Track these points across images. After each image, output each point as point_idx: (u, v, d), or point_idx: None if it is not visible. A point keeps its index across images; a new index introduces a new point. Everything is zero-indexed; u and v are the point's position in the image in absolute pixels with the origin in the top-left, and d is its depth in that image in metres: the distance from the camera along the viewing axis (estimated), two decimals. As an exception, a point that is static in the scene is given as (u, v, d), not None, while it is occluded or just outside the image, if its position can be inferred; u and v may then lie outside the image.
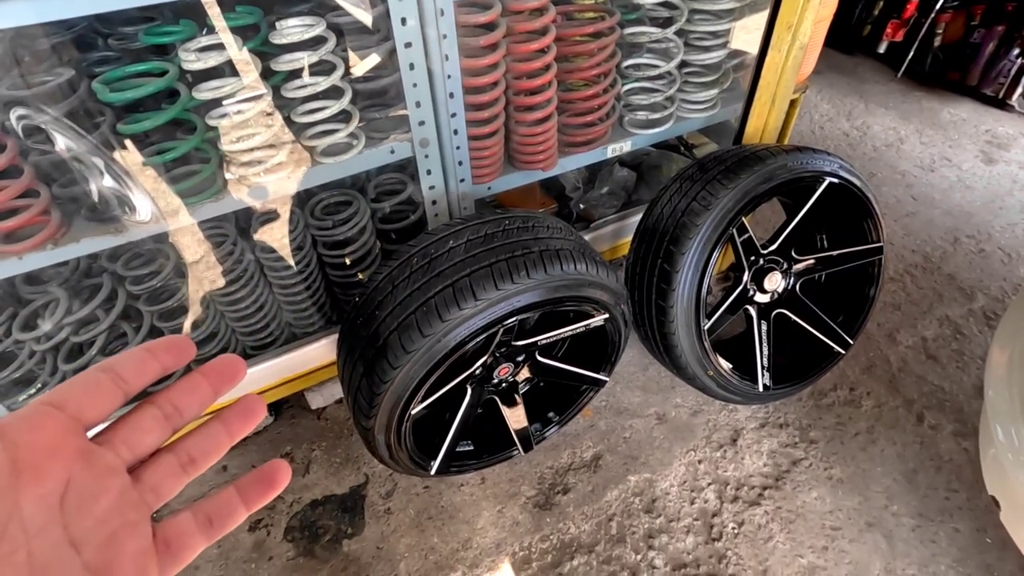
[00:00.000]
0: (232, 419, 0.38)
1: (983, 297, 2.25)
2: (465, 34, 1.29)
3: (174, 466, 0.36)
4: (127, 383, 0.34)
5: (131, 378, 0.34)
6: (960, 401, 1.89)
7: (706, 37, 1.66)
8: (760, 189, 1.44)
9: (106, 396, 0.33)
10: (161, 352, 0.36)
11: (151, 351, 0.35)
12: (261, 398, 0.40)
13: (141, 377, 0.34)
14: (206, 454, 0.37)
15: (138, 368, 0.34)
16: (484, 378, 1.49)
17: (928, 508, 1.64)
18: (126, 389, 0.34)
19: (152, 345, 0.36)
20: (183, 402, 0.36)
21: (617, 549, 1.58)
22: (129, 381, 0.34)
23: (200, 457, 0.37)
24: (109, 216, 1.21)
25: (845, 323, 1.79)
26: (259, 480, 0.38)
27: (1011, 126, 3.23)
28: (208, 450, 0.37)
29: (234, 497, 0.37)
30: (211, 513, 0.36)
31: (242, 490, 0.37)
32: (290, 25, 1.18)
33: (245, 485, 0.38)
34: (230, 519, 0.37)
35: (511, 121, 1.53)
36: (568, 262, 1.24)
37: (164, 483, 0.35)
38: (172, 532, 0.34)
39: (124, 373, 0.34)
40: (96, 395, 0.32)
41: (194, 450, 0.37)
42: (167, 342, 0.36)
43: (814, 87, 3.65)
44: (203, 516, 0.36)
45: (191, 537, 0.35)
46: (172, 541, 0.34)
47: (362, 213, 1.52)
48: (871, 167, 2.97)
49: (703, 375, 1.60)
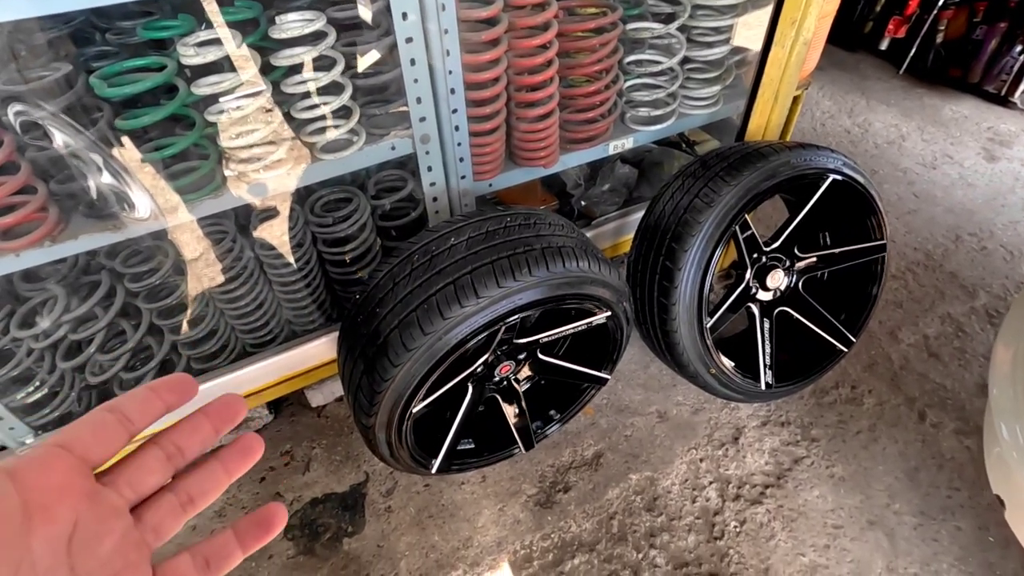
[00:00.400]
0: (230, 458, 0.39)
1: (985, 295, 2.24)
2: (466, 29, 1.28)
3: (174, 505, 0.36)
4: (132, 423, 0.34)
5: (136, 418, 0.35)
6: (962, 399, 1.89)
7: (708, 33, 1.65)
8: (763, 186, 1.43)
9: (112, 436, 0.33)
10: (164, 391, 0.36)
11: (155, 390, 0.36)
12: (259, 437, 0.41)
13: (146, 416, 0.35)
14: (204, 493, 0.38)
15: (143, 408, 0.35)
16: (485, 376, 1.48)
17: (930, 506, 1.63)
18: (131, 429, 0.34)
19: (156, 384, 0.37)
20: (185, 443, 0.37)
21: (618, 547, 1.57)
22: (134, 421, 0.35)
23: (199, 496, 0.37)
24: (107, 213, 1.20)
25: (847, 321, 1.78)
26: (256, 524, 0.39)
27: (1013, 123, 3.22)
28: (207, 489, 0.38)
29: (231, 540, 0.38)
30: (209, 556, 0.37)
31: (239, 533, 0.38)
32: (290, 20, 1.16)
33: (242, 529, 0.38)
34: (226, 562, 0.37)
35: (512, 117, 1.52)
36: (570, 259, 1.23)
37: (164, 523, 0.35)
38: (172, 574, 0.35)
39: (129, 413, 0.35)
40: (103, 436, 0.33)
41: (193, 489, 0.37)
42: (170, 381, 0.37)
43: (816, 84, 3.64)
44: (201, 559, 0.36)
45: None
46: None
47: (362, 210, 1.51)
48: (873, 164, 2.96)
49: (705, 373, 1.59)
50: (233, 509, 1.66)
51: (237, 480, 0.39)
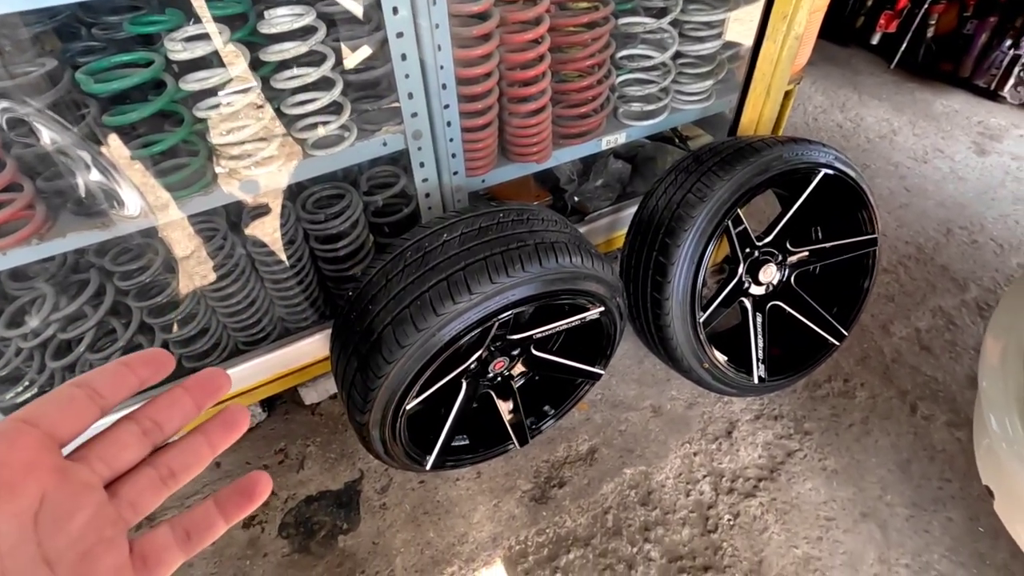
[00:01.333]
0: (214, 431, 0.38)
1: (976, 288, 2.26)
2: (458, 24, 1.27)
3: (153, 480, 0.35)
4: (103, 398, 0.33)
5: (107, 392, 0.33)
6: (953, 391, 1.90)
7: (700, 27, 1.65)
8: (756, 181, 1.44)
9: (81, 411, 0.32)
10: (138, 366, 0.35)
11: (128, 364, 0.35)
12: (244, 408, 0.39)
13: (117, 391, 0.34)
14: (187, 467, 0.36)
15: (114, 382, 0.34)
16: (479, 372, 1.48)
17: (922, 498, 1.65)
18: (102, 404, 0.33)
19: (129, 359, 0.35)
20: (163, 417, 0.36)
21: (613, 542, 1.58)
22: (105, 395, 0.33)
23: (180, 471, 0.36)
24: (96, 210, 1.19)
25: (839, 315, 1.79)
26: (238, 492, 0.37)
27: (1003, 117, 3.24)
28: (189, 463, 0.37)
29: (212, 510, 0.37)
30: (189, 527, 0.36)
31: (220, 503, 0.37)
32: (279, 14, 1.15)
33: (224, 498, 0.37)
34: (208, 532, 0.36)
35: (505, 113, 1.51)
36: (563, 255, 1.23)
37: (143, 497, 0.34)
38: (149, 547, 0.34)
39: (99, 388, 0.33)
40: (70, 411, 0.32)
41: (174, 463, 0.36)
42: (144, 356, 0.36)
43: (808, 78, 3.65)
44: (181, 530, 0.35)
45: (168, 552, 0.35)
46: (149, 556, 0.34)
47: (354, 206, 1.51)
48: (865, 159, 2.98)
49: (699, 367, 1.59)
50: (227, 508, 1.66)
51: (231, 478, 0.38)
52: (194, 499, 1.67)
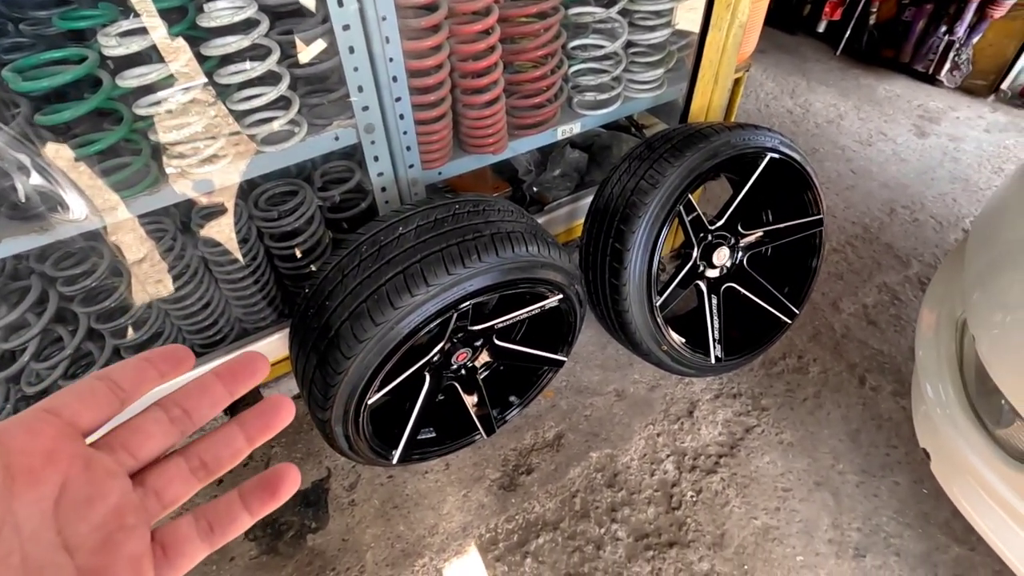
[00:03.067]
0: (251, 423, 0.36)
1: (917, 264, 2.37)
2: (406, 15, 1.26)
3: (182, 470, 0.34)
4: (123, 390, 0.33)
5: (127, 385, 0.33)
6: (898, 363, 2.00)
7: (649, 16, 1.67)
8: (705, 166, 1.47)
9: (101, 402, 0.32)
10: (158, 360, 0.35)
11: (148, 359, 0.35)
12: (287, 399, 0.38)
13: (138, 384, 0.34)
14: (219, 459, 0.35)
15: (134, 375, 0.34)
16: (442, 364, 1.49)
17: (871, 464, 1.73)
18: (122, 396, 0.33)
19: (150, 353, 0.35)
20: (192, 404, 0.35)
21: (581, 524, 1.61)
22: (125, 388, 0.33)
23: (213, 462, 0.35)
24: (33, 214, 1.14)
25: (791, 294, 1.86)
26: (262, 486, 0.36)
27: (941, 100, 3.39)
28: (221, 456, 0.35)
29: (236, 503, 0.35)
30: (212, 519, 0.35)
31: (245, 496, 0.36)
32: (219, 7, 1.12)
33: (248, 491, 0.36)
34: (232, 526, 0.35)
35: (459, 104, 1.51)
36: (520, 244, 1.24)
37: (170, 488, 0.34)
38: (170, 538, 0.33)
39: (120, 380, 0.33)
40: (91, 401, 0.32)
41: (206, 455, 0.35)
42: (165, 350, 0.36)
43: (759, 66, 3.74)
44: (204, 522, 0.35)
45: (190, 543, 0.34)
46: (170, 547, 0.33)
47: (308, 203, 1.48)
48: (814, 143, 3.08)
49: (658, 350, 1.64)
50: (191, 514, 1.63)
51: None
52: (155, 507, 1.64)
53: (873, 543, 1.56)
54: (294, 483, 0.37)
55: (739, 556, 1.55)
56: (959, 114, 3.28)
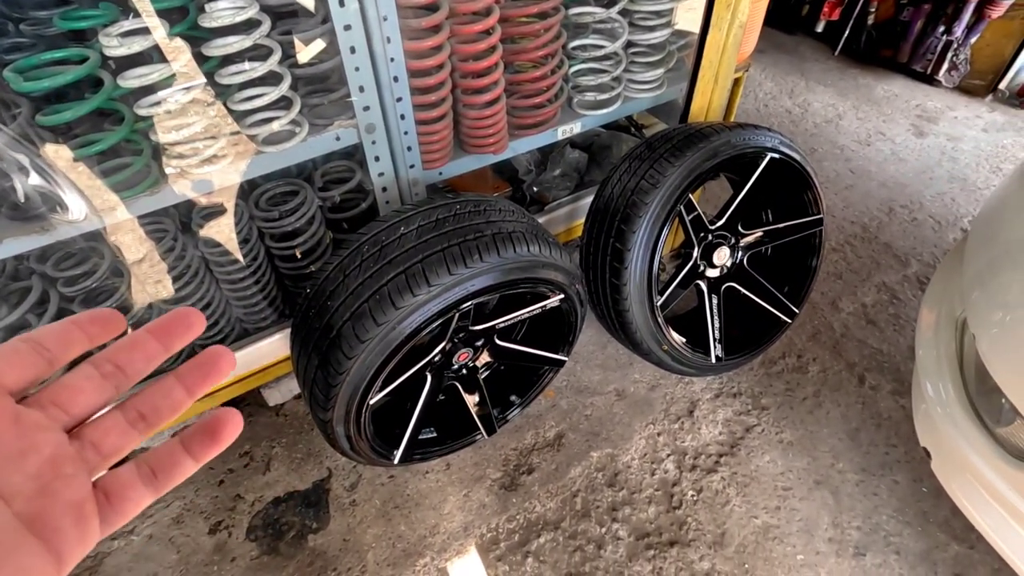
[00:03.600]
0: (188, 373, 0.37)
1: (916, 263, 2.38)
2: (406, 15, 1.26)
3: (119, 422, 0.35)
4: (48, 351, 0.33)
5: (53, 347, 0.34)
6: (897, 362, 2.01)
7: (650, 17, 1.68)
8: (706, 166, 1.48)
9: (26, 362, 0.33)
10: (86, 323, 0.35)
11: (75, 322, 0.35)
12: (225, 349, 0.38)
13: (65, 347, 0.34)
14: (157, 410, 0.36)
15: (60, 337, 0.34)
16: (443, 364, 1.49)
17: (870, 463, 1.74)
18: (48, 357, 0.33)
19: (77, 316, 0.35)
20: (124, 359, 0.35)
21: (582, 524, 1.61)
22: (51, 350, 0.33)
23: (151, 414, 0.36)
24: (34, 214, 1.14)
25: (790, 293, 1.86)
26: (203, 431, 0.36)
27: (939, 100, 3.40)
28: (159, 406, 0.36)
29: (178, 448, 0.36)
30: (155, 465, 0.35)
31: (187, 441, 0.36)
32: (220, 7, 1.12)
33: (189, 436, 0.36)
34: (175, 471, 0.36)
35: (459, 105, 1.51)
36: (521, 244, 1.24)
37: (107, 439, 0.34)
38: (113, 484, 0.34)
39: (45, 342, 0.34)
40: (14, 361, 0.32)
41: (143, 406, 0.36)
42: (92, 313, 0.36)
43: (758, 66, 3.75)
44: (146, 468, 0.35)
45: (133, 488, 0.34)
46: (113, 493, 0.34)
47: (309, 203, 1.48)
48: (812, 143, 3.09)
49: (658, 350, 1.64)
50: (191, 515, 1.63)
51: (194, 484, 0.37)
52: (156, 507, 1.63)
53: (873, 541, 1.57)
54: (235, 427, 0.37)
55: (740, 555, 1.55)
56: (957, 114, 3.29)
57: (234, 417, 0.37)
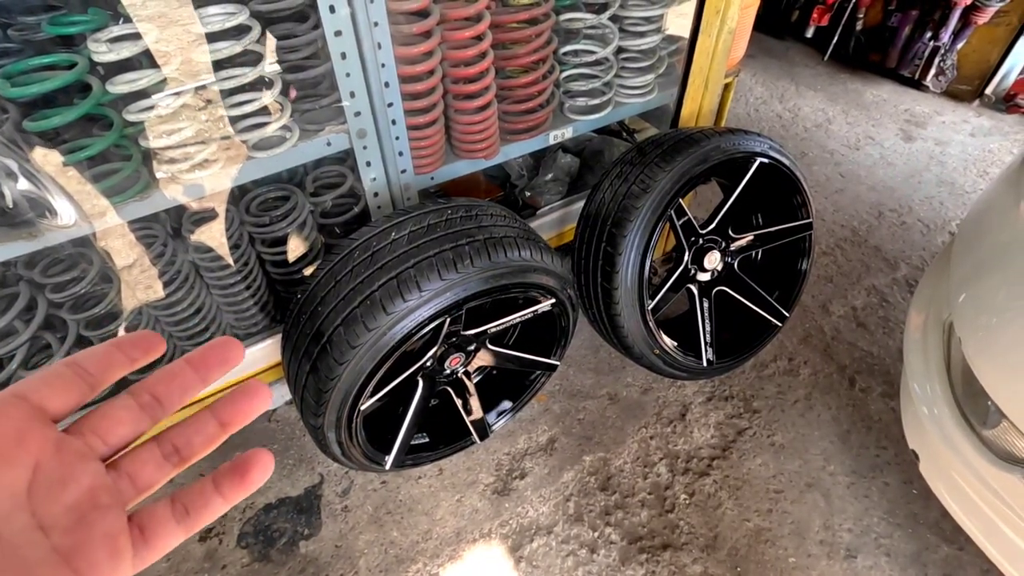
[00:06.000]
0: (223, 408, 0.37)
1: (905, 266, 2.40)
2: (397, 22, 1.26)
3: (155, 455, 0.35)
4: (92, 376, 0.33)
5: (96, 371, 0.34)
6: (887, 364, 2.02)
7: (640, 23, 1.69)
8: (696, 171, 1.49)
9: (70, 388, 0.33)
10: (128, 347, 0.35)
11: (118, 346, 0.35)
12: (262, 384, 0.38)
13: (106, 371, 0.34)
14: (191, 445, 0.36)
15: (102, 361, 0.34)
16: (435, 369, 1.49)
17: (861, 466, 1.75)
18: (91, 382, 0.33)
19: (119, 340, 0.35)
20: (162, 391, 0.36)
21: (575, 528, 1.61)
22: (94, 374, 0.34)
23: (185, 447, 0.36)
24: (22, 220, 1.13)
25: (781, 297, 1.87)
26: (234, 471, 0.36)
27: (927, 105, 3.44)
28: (194, 441, 0.36)
29: (209, 487, 0.36)
30: (187, 503, 0.35)
31: (218, 481, 0.36)
32: (210, 13, 1.12)
33: (221, 476, 0.36)
34: (207, 510, 0.36)
35: (451, 110, 1.51)
36: (512, 249, 1.24)
37: (143, 472, 0.34)
38: (147, 519, 0.34)
39: (88, 366, 0.34)
40: (59, 386, 0.32)
41: (178, 440, 0.36)
42: (135, 337, 0.36)
43: (749, 71, 3.78)
44: (180, 506, 0.35)
45: (166, 525, 0.34)
46: (147, 527, 0.34)
47: (300, 208, 1.48)
48: (803, 147, 3.11)
49: (650, 354, 1.64)
50: (181, 522, 1.61)
51: (182, 487, 0.37)
52: (146, 515, 1.62)
53: (864, 544, 1.58)
54: (265, 469, 0.37)
55: (732, 558, 1.56)
56: (945, 118, 3.33)
57: (264, 457, 0.37)
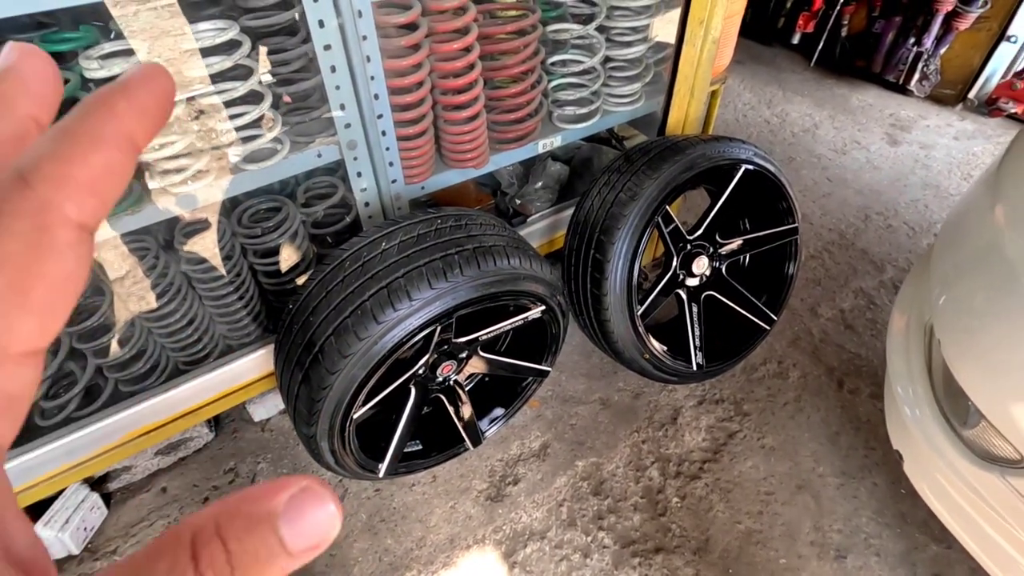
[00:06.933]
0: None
1: (892, 269, 2.43)
2: (386, 35, 1.29)
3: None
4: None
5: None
6: (875, 366, 2.05)
7: (626, 33, 1.72)
8: (682, 178, 1.51)
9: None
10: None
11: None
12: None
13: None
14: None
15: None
16: (427, 377, 1.50)
17: (850, 466, 1.77)
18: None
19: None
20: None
21: (568, 533, 1.62)
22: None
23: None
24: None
25: (769, 301, 1.90)
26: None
27: (912, 109, 3.50)
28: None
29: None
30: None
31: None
32: (201, 29, 1.14)
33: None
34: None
35: (440, 120, 1.53)
36: (502, 258, 1.26)
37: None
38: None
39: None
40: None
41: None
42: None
43: (737, 77, 3.83)
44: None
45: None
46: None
47: (292, 219, 1.50)
48: (791, 152, 3.15)
49: (640, 358, 1.66)
50: (175, 533, 1.61)
51: (178, 502, 0.27)
52: (139, 526, 1.62)
53: (854, 544, 1.59)
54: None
55: (724, 560, 1.57)
56: (929, 122, 3.38)
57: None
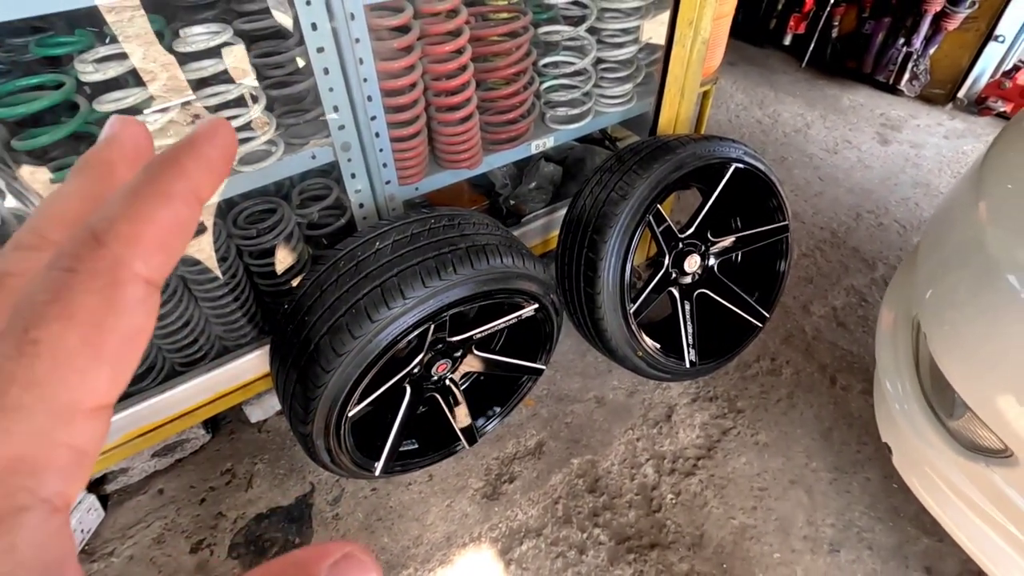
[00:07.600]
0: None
1: (883, 266, 2.46)
2: (379, 37, 1.30)
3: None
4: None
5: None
6: (866, 362, 2.07)
7: (617, 34, 1.74)
8: (672, 177, 1.53)
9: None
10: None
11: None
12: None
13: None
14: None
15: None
16: (422, 376, 1.51)
17: (842, 461, 1.79)
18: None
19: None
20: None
21: (564, 530, 1.64)
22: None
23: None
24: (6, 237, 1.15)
25: (761, 298, 1.92)
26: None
27: (902, 109, 3.53)
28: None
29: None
30: None
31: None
32: (194, 33, 1.15)
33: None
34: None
35: (433, 121, 1.55)
36: (495, 256, 1.28)
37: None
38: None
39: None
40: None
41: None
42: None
43: (729, 78, 3.86)
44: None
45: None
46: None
47: (287, 220, 1.51)
48: (783, 152, 3.18)
49: (633, 356, 1.68)
50: (172, 534, 1.62)
51: (175, 503, 0.28)
52: (136, 528, 1.62)
53: (847, 538, 1.61)
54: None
55: (718, 555, 1.58)
56: (919, 122, 3.41)
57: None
